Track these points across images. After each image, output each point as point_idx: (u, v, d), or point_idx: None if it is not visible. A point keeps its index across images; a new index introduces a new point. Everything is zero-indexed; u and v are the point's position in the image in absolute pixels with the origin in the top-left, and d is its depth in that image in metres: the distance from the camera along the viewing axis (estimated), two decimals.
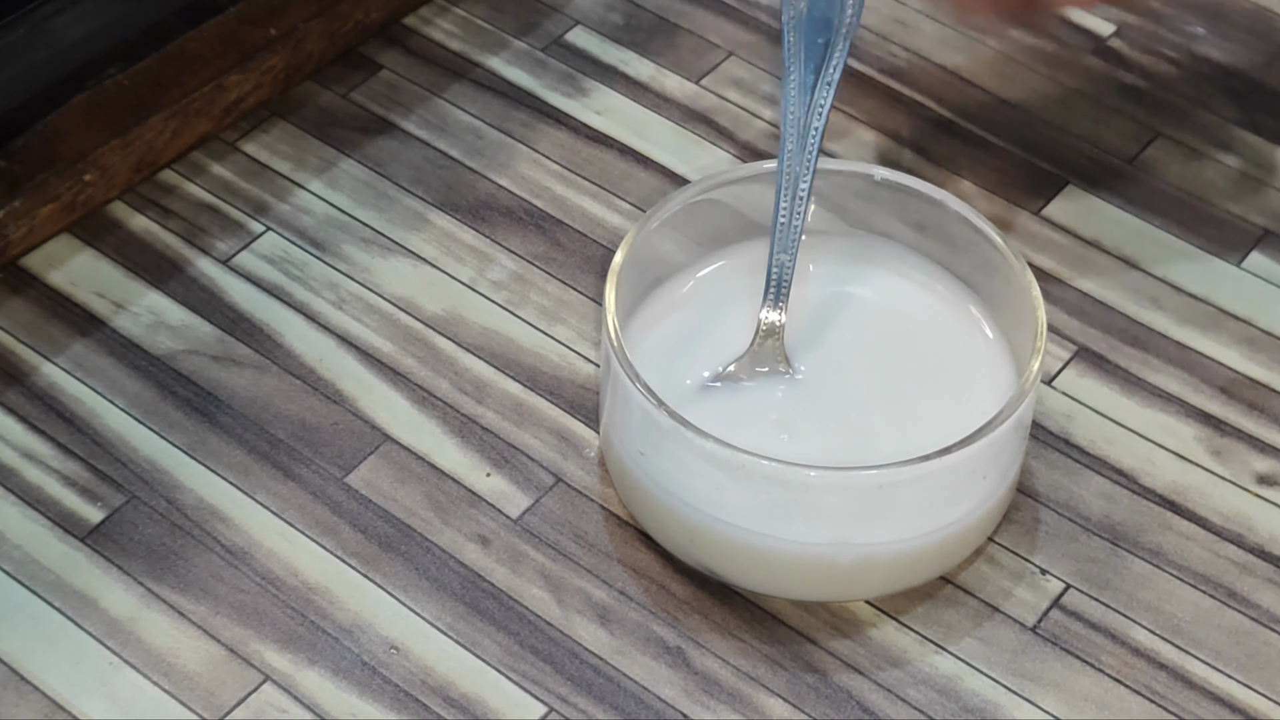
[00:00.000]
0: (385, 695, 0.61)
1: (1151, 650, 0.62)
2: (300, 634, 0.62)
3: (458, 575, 0.64)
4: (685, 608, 0.63)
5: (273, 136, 0.76)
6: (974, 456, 0.61)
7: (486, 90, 0.78)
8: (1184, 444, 0.68)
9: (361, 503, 0.65)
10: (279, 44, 0.76)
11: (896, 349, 0.66)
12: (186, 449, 0.66)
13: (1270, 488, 0.66)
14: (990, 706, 0.61)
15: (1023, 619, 0.63)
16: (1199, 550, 0.65)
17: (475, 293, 0.71)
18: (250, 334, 0.70)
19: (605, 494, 0.66)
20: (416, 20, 0.80)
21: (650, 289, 0.67)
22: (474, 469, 0.66)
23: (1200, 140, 0.77)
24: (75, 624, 0.62)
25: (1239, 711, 0.61)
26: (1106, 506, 0.66)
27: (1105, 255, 0.73)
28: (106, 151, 0.72)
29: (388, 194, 0.74)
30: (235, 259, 0.72)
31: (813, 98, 0.66)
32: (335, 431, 0.67)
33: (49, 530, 0.64)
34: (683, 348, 0.66)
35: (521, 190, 0.74)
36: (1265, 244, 0.73)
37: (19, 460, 0.66)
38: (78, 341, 0.69)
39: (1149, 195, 0.75)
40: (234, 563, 0.64)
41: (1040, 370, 0.62)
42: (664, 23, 0.80)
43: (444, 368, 0.69)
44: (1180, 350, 0.70)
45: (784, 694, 0.61)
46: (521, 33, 0.80)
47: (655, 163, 0.76)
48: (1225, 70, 0.79)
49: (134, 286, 0.71)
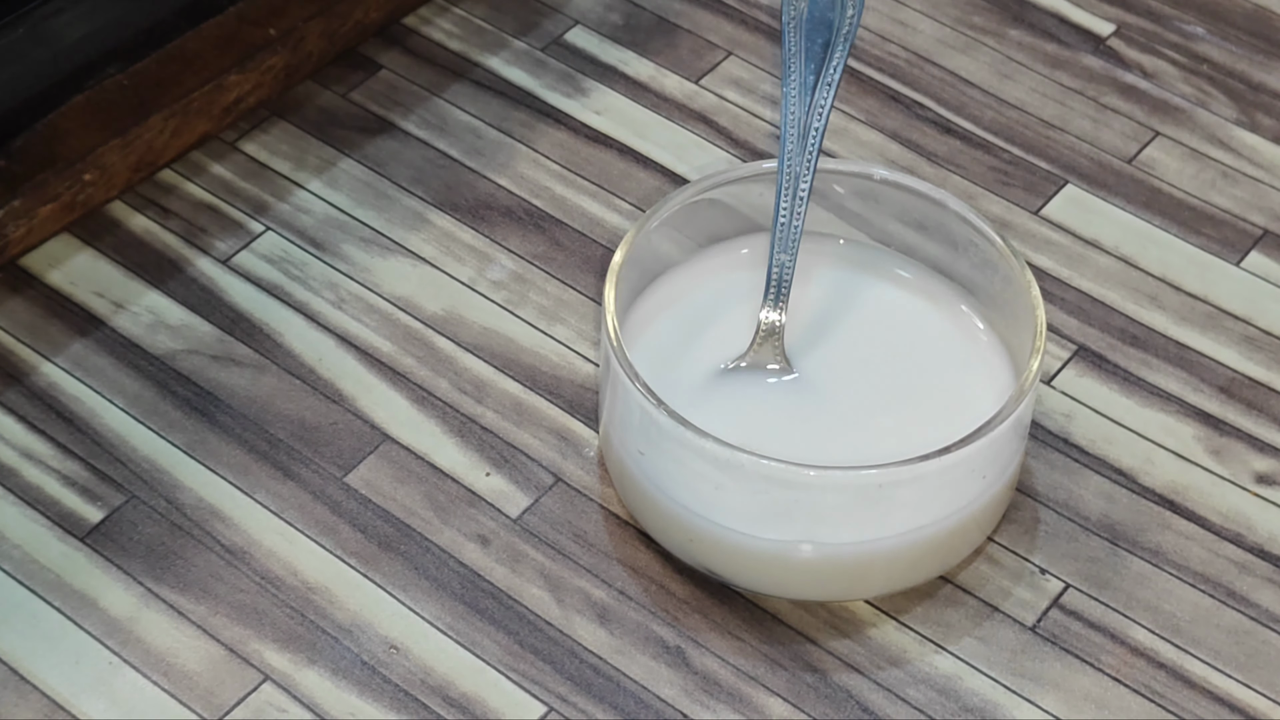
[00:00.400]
0: (385, 695, 0.61)
1: (1151, 649, 0.62)
2: (300, 633, 0.62)
3: (457, 575, 0.64)
4: (685, 607, 0.63)
5: (272, 136, 0.76)
6: (973, 456, 0.61)
7: (486, 90, 0.78)
8: (1183, 443, 0.68)
9: (361, 502, 0.65)
10: (279, 44, 0.76)
11: (896, 349, 0.66)
12: (186, 448, 0.66)
13: (1269, 487, 0.66)
14: (990, 706, 0.61)
15: (1022, 618, 0.63)
16: (1198, 550, 0.65)
17: (475, 292, 0.71)
18: (250, 334, 0.70)
19: (605, 493, 0.66)
20: (416, 20, 0.80)
21: (650, 288, 0.67)
22: (473, 468, 0.66)
23: (1199, 140, 0.77)
24: (75, 623, 0.62)
25: (1238, 711, 0.61)
26: (1106, 506, 0.66)
27: (1104, 255, 0.73)
28: (106, 151, 0.72)
29: (387, 194, 0.74)
30: (235, 259, 0.72)
31: (813, 98, 0.66)
32: (335, 431, 0.67)
33: (48, 530, 0.64)
34: (682, 348, 0.66)
35: (521, 190, 0.74)
36: (1264, 244, 0.73)
37: (18, 460, 0.66)
38: (77, 341, 0.69)
39: (1148, 195, 0.75)
40: (233, 562, 0.64)
41: (1039, 370, 0.62)
42: (663, 22, 0.80)
43: (443, 367, 0.69)
44: (1179, 350, 0.70)
45: (784, 693, 0.61)
46: (521, 32, 0.80)
47: (654, 162, 0.76)
48: (1225, 70, 0.79)
49: (133, 286, 0.71)
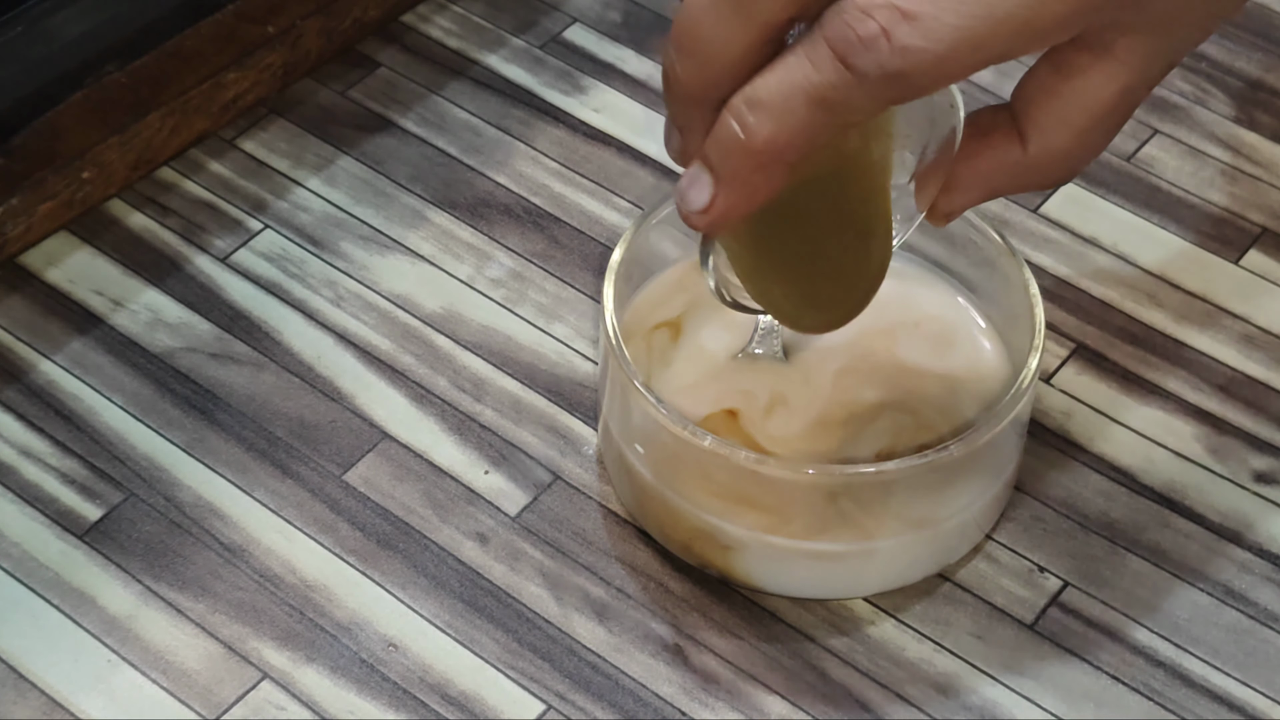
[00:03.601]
0: (383, 693, 0.61)
1: (1150, 648, 0.62)
2: (298, 631, 0.62)
3: (456, 573, 0.64)
4: (683, 605, 0.63)
5: (271, 134, 0.76)
6: (972, 454, 0.61)
7: (484, 88, 0.78)
8: (1182, 442, 0.68)
9: (360, 500, 0.65)
10: (277, 41, 0.76)
11: (895, 347, 0.66)
12: (184, 446, 0.66)
13: (1268, 486, 0.66)
14: (988, 704, 0.61)
15: (1021, 616, 0.63)
16: (1197, 548, 0.65)
17: (473, 290, 0.71)
18: (248, 331, 0.70)
19: (603, 491, 0.66)
20: (414, 18, 0.80)
21: (649, 286, 0.67)
22: (472, 466, 0.66)
23: (1198, 138, 0.77)
24: (73, 621, 0.62)
25: (1237, 709, 0.61)
26: (1105, 504, 0.66)
27: (1103, 253, 0.73)
28: (105, 149, 0.72)
29: (386, 191, 0.74)
30: (233, 256, 0.72)
31: None
32: (333, 429, 0.67)
33: (47, 528, 0.64)
34: (681, 346, 0.66)
35: (519, 188, 0.74)
36: (1263, 242, 0.73)
37: (17, 458, 0.66)
38: (76, 339, 0.69)
39: (1147, 193, 0.75)
40: (232, 560, 0.64)
41: (1038, 368, 0.62)
42: (662, 20, 0.80)
43: (442, 365, 0.69)
44: (1178, 348, 0.70)
45: (782, 691, 0.61)
46: (519, 30, 0.80)
47: (653, 160, 0.76)
48: (1223, 68, 0.79)
49: (132, 284, 0.71)
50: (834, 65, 0.50)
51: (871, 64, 0.50)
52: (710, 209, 0.53)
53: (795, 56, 0.51)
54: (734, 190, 0.53)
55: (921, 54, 0.49)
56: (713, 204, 0.53)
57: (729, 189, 0.53)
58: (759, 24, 0.51)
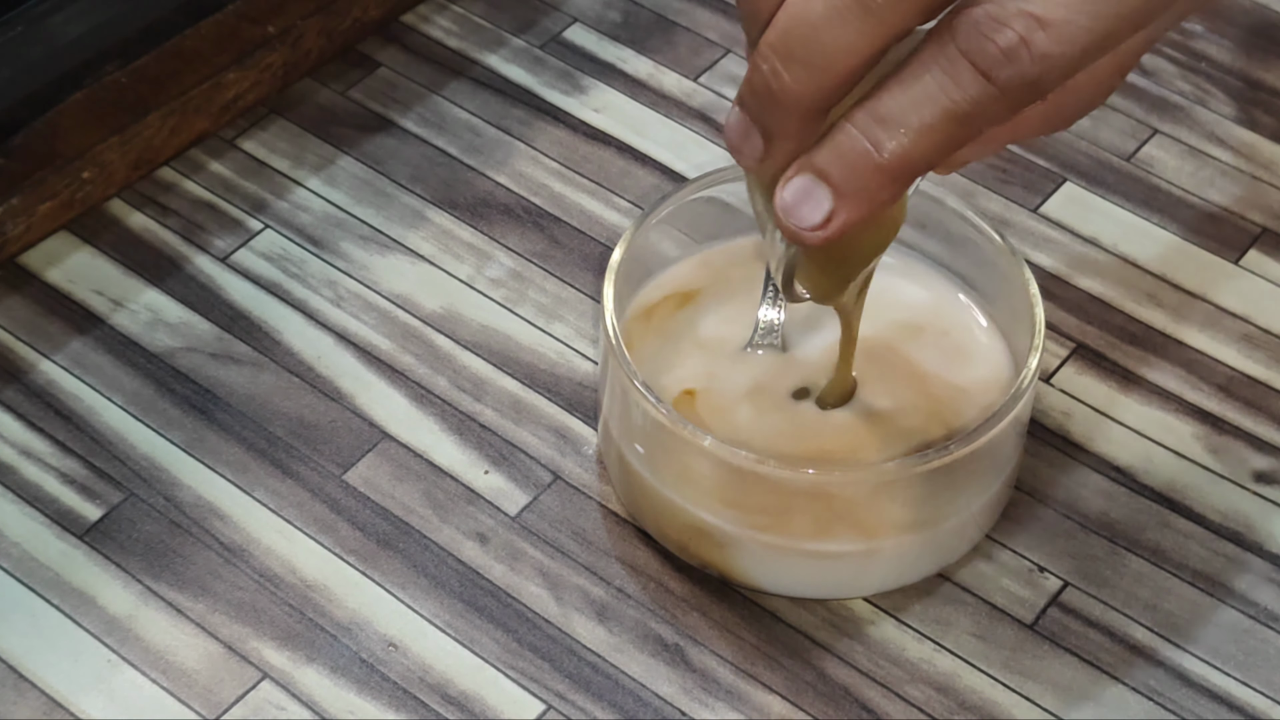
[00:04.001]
0: (383, 692, 0.61)
1: (1149, 648, 0.62)
2: (298, 631, 0.62)
3: (456, 573, 0.64)
4: (683, 605, 0.63)
5: (271, 134, 0.76)
6: (972, 453, 0.61)
7: (484, 88, 0.78)
8: (1182, 441, 0.68)
9: (360, 500, 0.65)
10: (277, 41, 0.76)
11: (894, 347, 0.66)
12: (184, 446, 0.66)
13: (1268, 485, 0.66)
14: (988, 704, 0.61)
15: (1021, 616, 0.63)
16: (1197, 548, 0.65)
17: (473, 290, 0.71)
18: (248, 331, 0.70)
19: (603, 491, 0.66)
20: (414, 18, 0.80)
21: (649, 286, 0.67)
22: (472, 466, 0.66)
23: (1198, 137, 0.77)
24: (73, 621, 0.62)
25: (1237, 709, 0.61)
26: (1105, 504, 0.66)
27: (1103, 253, 0.73)
28: (105, 149, 0.72)
29: (386, 191, 0.74)
30: (233, 256, 0.72)
31: None
32: (333, 429, 0.67)
33: (47, 527, 0.64)
34: (681, 346, 0.66)
35: (520, 188, 0.74)
36: (1263, 242, 0.73)
37: (17, 458, 0.66)
38: (76, 339, 0.69)
39: (1147, 193, 0.75)
40: (232, 560, 0.64)
41: (1038, 367, 0.62)
42: (662, 20, 0.80)
43: (442, 365, 0.69)
44: (1178, 348, 0.70)
45: (782, 691, 0.61)
46: (519, 30, 0.80)
47: (653, 160, 0.76)
48: (1223, 67, 0.79)
49: (132, 284, 0.71)
50: (975, 79, 0.48)
51: (1014, 75, 0.48)
52: (829, 224, 0.51)
53: (928, 71, 0.49)
54: (858, 206, 0.51)
55: (1059, 59, 0.48)
56: (831, 218, 0.51)
57: (853, 204, 0.51)
58: (888, 31, 0.49)
